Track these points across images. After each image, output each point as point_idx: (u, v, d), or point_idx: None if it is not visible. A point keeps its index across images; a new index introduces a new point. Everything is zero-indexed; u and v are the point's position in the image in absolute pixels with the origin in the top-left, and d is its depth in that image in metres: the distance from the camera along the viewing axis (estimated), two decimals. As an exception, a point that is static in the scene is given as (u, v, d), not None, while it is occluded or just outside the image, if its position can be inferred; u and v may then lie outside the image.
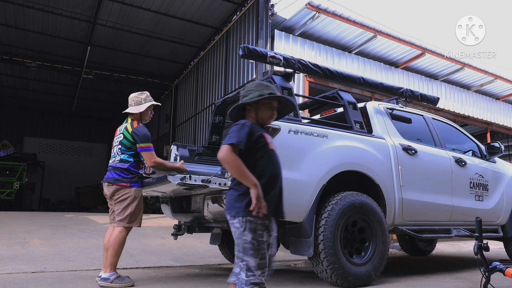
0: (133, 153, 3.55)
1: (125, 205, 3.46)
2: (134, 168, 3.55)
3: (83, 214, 10.58)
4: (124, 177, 3.50)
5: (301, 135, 3.39)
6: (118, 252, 3.41)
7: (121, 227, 3.45)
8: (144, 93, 3.74)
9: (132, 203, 3.47)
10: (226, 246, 4.61)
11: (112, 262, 3.39)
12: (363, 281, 3.40)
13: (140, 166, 3.66)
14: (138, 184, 3.54)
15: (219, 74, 10.27)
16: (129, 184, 3.49)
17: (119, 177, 3.50)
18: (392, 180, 3.89)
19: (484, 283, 2.76)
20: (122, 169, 3.52)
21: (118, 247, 3.40)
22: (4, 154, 15.00)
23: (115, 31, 10.97)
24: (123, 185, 3.48)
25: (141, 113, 3.70)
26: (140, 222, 3.57)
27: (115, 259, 3.41)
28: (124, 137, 3.57)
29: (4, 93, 16.35)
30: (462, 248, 8.10)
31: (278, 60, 3.75)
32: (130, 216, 3.46)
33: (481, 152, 5.11)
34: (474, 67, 10.38)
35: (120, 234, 3.43)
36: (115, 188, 3.49)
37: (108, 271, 3.38)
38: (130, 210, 3.45)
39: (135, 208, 3.48)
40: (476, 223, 2.91)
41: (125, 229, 3.46)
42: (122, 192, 3.48)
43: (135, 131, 3.52)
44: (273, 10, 7.92)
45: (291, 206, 3.24)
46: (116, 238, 3.40)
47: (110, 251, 3.39)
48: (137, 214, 3.51)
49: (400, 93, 4.80)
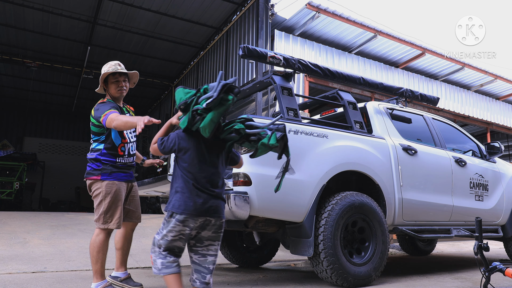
0: (102, 139, 3.01)
1: (97, 202, 2.96)
2: (105, 157, 2.99)
3: (83, 214, 10.57)
4: (95, 169, 2.98)
5: (301, 135, 3.39)
6: (98, 258, 2.91)
7: (97, 229, 2.97)
8: (108, 64, 3.16)
9: (104, 199, 2.93)
10: (226, 246, 4.61)
11: (96, 270, 2.92)
12: (363, 281, 3.40)
13: (119, 153, 3.05)
14: (111, 177, 2.97)
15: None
16: (100, 177, 2.95)
17: (89, 169, 3.01)
18: (392, 180, 3.89)
19: (484, 283, 2.75)
20: (92, 159, 3.01)
21: (96, 253, 2.91)
22: (4, 154, 15.00)
23: (115, 31, 10.97)
24: (93, 178, 2.97)
25: (107, 91, 3.16)
26: (119, 223, 2.97)
27: (98, 267, 2.92)
28: (91, 123, 3.05)
29: (4, 93, 16.34)
30: (462, 248, 8.10)
31: (278, 60, 3.75)
32: (103, 215, 2.93)
33: (481, 152, 5.11)
34: (474, 67, 10.39)
35: (97, 237, 2.94)
36: (88, 183, 3.01)
37: (95, 280, 2.93)
38: (102, 209, 2.93)
39: (109, 206, 2.94)
40: (476, 223, 2.91)
41: (102, 231, 2.95)
42: (93, 188, 2.98)
43: (95, 109, 3.01)
44: (273, 10, 7.93)
45: (291, 206, 3.24)
46: (93, 243, 2.93)
47: (90, 258, 2.94)
48: (112, 213, 2.95)
49: (400, 93, 4.80)
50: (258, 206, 3.08)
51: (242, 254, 4.65)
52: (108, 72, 3.10)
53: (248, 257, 4.70)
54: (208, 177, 2.12)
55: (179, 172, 2.14)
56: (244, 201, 3.03)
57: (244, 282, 3.68)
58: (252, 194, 3.07)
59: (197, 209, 2.06)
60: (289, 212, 3.26)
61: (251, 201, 3.06)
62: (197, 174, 2.10)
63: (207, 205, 2.08)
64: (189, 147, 2.13)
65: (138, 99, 15.72)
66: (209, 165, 2.14)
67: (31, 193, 15.55)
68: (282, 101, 3.56)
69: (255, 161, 3.12)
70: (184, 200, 2.07)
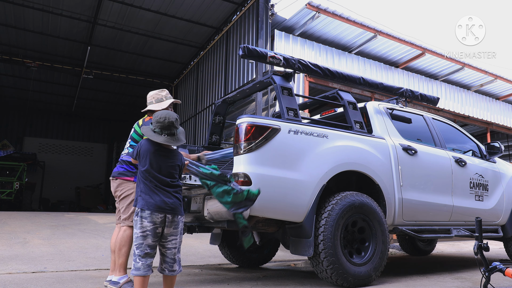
0: None
1: (129, 201, 3.24)
2: None
3: (83, 214, 10.59)
4: (129, 171, 3.29)
5: (301, 135, 3.39)
6: (125, 252, 3.20)
7: (125, 226, 3.23)
8: (164, 91, 3.54)
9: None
10: (226, 246, 4.61)
11: (121, 264, 3.18)
12: (363, 281, 3.40)
13: None
14: None
15: (219, 74, 10.27)
16: (133, 179, 3.26)
17: (124, 170, 3.30)
18: (392, 180, 3.89)
19: (484, 283, 2.75)
20: (128, 162, 3.31)
21: (124, 247, 3.19)
22: (4, 154, 15.01)
23: (115, 31, 10.98)
24: (126, 179, 3.27)
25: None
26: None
27: (123, 260, 3.19)
28: (134, 131, 3.41)
29: (4, 93, 16.34)
30: (462, 248, 8.11)
31: (278, 60, 3.75)
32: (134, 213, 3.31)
33: (481, 152, 5.10)
34: (474, 67, 10.39)
35: (125, 233, 3.22)
36: (118, 182, 3.29)
37: (118, 274, 3.17)
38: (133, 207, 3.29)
39: None
40: (476, 223, 2.91)
41: (129, 228, 3.23)
42: (125, 188, 3.27)
43: (145, 124, 3.34)
44: (273, 10, 7.92)
45: (291, 206, 3.24)
46: (122, 238, 3.20)
47: (117, 252, 3.20)
48: None
49: (400, 93, 4.80)
50: (258, 206, 3.07)
51: (242, 254, 4.65)
52: (174, 101, 3.45)
53: (248, 257, 4.70)
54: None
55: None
56: (244, 201, 3.02)
57: (244, 282, 3.68)
58: (252, 194, 3.06)
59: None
60: (289, 212, 3.26)
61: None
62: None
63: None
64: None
65: (138, 99, 15.74)
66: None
67: (31, 193, 15.56)
68: (282, 101, 3.56)
69: (255, 161, 3.13)
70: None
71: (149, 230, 2.43)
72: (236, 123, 3.25)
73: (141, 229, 2.44)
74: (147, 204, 2.45)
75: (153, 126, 2.58)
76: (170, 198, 2.51)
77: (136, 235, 2.46)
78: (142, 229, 2.43)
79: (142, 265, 2.41)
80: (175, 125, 2.59)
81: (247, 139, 3.14)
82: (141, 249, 2.42)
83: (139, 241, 2.43)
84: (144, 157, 2.55)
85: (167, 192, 2.51)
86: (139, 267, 2.41)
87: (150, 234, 2.43)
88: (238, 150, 3.16)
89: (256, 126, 3.18)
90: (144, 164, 2.54)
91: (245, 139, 3.14)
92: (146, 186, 2.49)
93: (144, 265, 2.42)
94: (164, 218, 2.47)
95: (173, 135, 2.59)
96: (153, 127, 2.58)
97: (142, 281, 2.41)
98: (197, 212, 3.67)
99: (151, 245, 2.45)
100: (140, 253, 2.42)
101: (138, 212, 2.48)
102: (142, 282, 2.41)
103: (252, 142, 3.14)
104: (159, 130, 2.55)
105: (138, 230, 2.45)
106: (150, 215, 2.44)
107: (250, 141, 3.14)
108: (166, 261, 2.53)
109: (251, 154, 3.12)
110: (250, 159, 3.11)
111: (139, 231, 2.44)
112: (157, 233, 2.47)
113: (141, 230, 2.44)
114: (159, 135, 2.55)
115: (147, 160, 2.53)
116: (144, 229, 2.43)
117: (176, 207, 2.52)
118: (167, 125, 2.55)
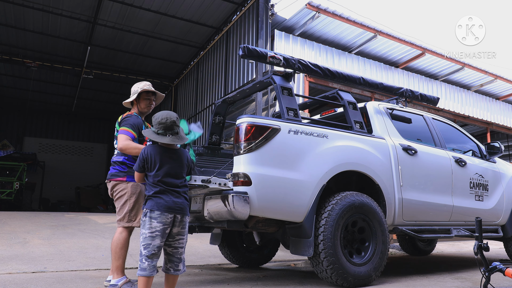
0: None
1: (122, 202, 3.22)
2: (130, 161, 3.27)
3: (83, 214, 10.58)
4: (121, 171, 3.26)
5: (301, 135, 3.39)
6: (121, 255, 3.17)
7: (120, 227, 3.22)
8: (142, 82, 3.48)
9: (129, 199, 3.21)
10: (226, 246, 4.61)
11: (118, 266, 3.15)
12: (363, 281, 3.40)
13: None
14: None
15: (219, 74, 10.27)
16: (125, 179, 3.23)
17: (116, 172, 3.27)
18: (392, 180, 3.89)
19: (484, 283, 2.75)
20: (118, 162, 3.29)
21: (120, 250, 3.16)
22: (4, 154, 15.00)
23: (115, 31, 10.97)
24: (119, 179, 3.25)
25: (138, 104, 3.47)
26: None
27: (120, 263, 3.16)
28: (116, 130, 3.37)
29: (4, 93, 16.34)
30: (462, 248, 8.11)
31: (278, 60, 3.75)
32: (128, 214, 3.20)
33: (481, 152, 5.10)
34: (474, 67, 10.39)
35: (121, 235, 3.19)
36: (112, 184, 3.27)
37: (116, 276, 3.15)
38: (128, 208, 3.20)
39: (133, 205, 3.21)
40: (476, 223, 2.91)
41: (125, 229, 3.21)
42: (119, 188, 3.24)
43: (122, 120, 3.32)
44: (273, 10, 7.92)
45: (291, 206, 3.24)
46: (117, 240, 3.18)
47: (112, 255, 3.18)
48: (136, 212, 3.22)
49: (400, 93, 4.80)
50: (258, 206, 3.07)
51: (242, 254, 4.65)
52: (145, 88, 3.43)
53: (248, 257, 4.70)
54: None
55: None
56: (244, 201, 3.03)
57: (244, 282, 3.68)
58: (252, 194, 3.06)
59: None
60: (289, 212, 3.26)
61: (251, 201, 3.06)
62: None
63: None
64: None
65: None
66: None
67: (31, 193, 15.56)
68: (282, 101, 3.56)
69: (255, 161, 3.13)
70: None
71: (158, 230, 2.45)
72: (236, 123, 3.26)
73: (150, 230, 2.45)
74: (157, 204, 2.47)
75: (155, 128, 2.59)
76: (179, 198, 2.54)
77: (144, 235, 2.47)
78: (151, 230, 2.45)
79: (148, 266, 2.43)
80: (177, 123, 2.61)
81: (247, 139, 3.14)
82: (149, 249, 2.44)
83: (147, 242, 2.45)
84: (152, 163, 2.56)
85: (176, 193, 2.54)
86: (145, 267, 2.43)
87: (159, 235, 2.46)
88: (238, 150, 3.16)
89: (256, 126, 3.18)
90: (152, 168, 2.55)
91: (245, 139, 3.14)
92: (156, 188, 2.52)
93: (150, 265, 2.44)
94: (173, 218, 2.50)
95: (177, 134, 2.61)
96: (156, 129, 2.58)
97: (147, 281, 2.44)
98: (197, 212, 3.67)
99: (159, 245, 2.47)
100: (147, 253, 2.44)
101: (146, 213, 2.49)
102: (146, 283, 2.43)
103: (252, 142, 3.14)
104: (163, 131, 2.57)
105: (146, 230, 2.46)
106: (160, 215, 2.46)
107: (250, 141, 3.14)
108: (172, 260, 2.56)
109: (251, 154, 3.13)
110: (250, 159, 3.12)
111: (147, 231, 2.46)
112: (166, 234, 2.49)
113: (150, 231, 2.45)
114: (164, 136, 2.57)
115: (156, 164, 2.55)
116: (153, 229, 2.45)
117: (185, 207, 2.56)
118: (170, 125, 2.57)
